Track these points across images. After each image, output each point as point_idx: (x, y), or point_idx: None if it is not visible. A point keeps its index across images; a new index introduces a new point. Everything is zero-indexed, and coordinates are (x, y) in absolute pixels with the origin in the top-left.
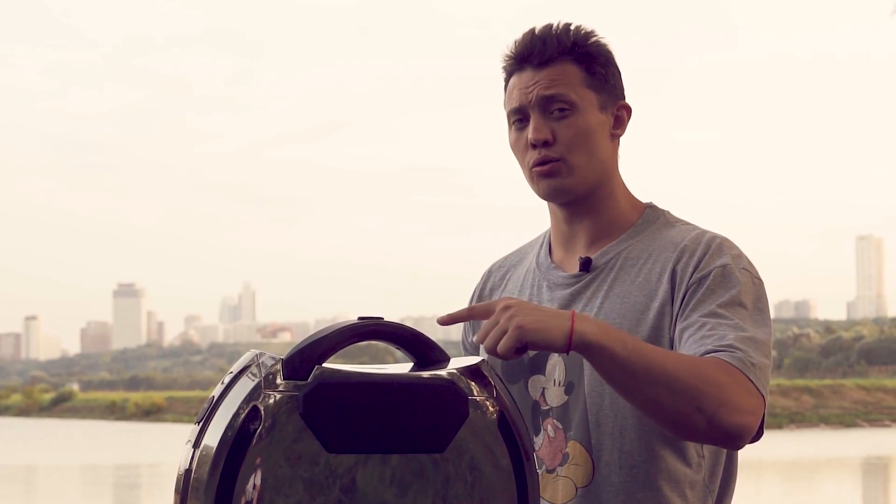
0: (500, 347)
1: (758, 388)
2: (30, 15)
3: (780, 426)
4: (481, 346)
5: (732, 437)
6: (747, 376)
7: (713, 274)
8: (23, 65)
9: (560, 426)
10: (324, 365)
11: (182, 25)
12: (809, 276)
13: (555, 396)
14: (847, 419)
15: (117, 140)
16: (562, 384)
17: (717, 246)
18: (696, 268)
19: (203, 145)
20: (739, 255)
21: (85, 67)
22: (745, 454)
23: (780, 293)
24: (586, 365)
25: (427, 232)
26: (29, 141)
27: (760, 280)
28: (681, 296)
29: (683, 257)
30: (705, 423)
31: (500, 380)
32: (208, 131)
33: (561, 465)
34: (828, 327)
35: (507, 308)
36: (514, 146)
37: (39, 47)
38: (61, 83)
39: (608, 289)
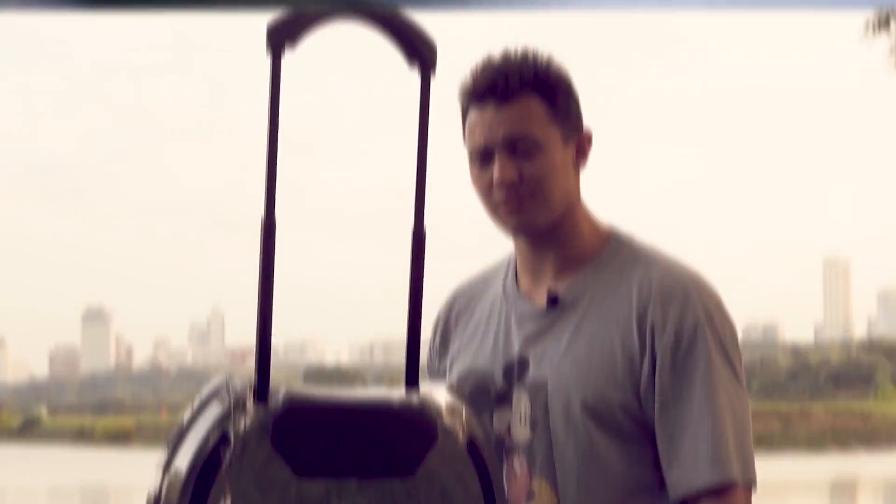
0: None
1: (752, 481)
2: None
3: None
4: (448, 371)
5: None
6: (747, 484)
7: (686, 338)
8: None
9: (527, 463)
10: (294, 390)
11: (151, 51)
12: (777, 299)
13: (521, 433)
14: (815, 443)
15: (86, 164)
16: (526, 421)
17: (685, 297)
18: (664, 326)
19: (172, 170)
20: (710, 308)
21: (55, 91)
22: None
23: (747, 316)
24: (551, 403)
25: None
26: None
27: (731, 326)
28: (649, 356)
29: (651, 306)
30: None
31: (470, 405)
32: (177, 156)
33: (526, 502)
34: (795, 350)
35: None
36: (477, 182)
37: (7, 71)
38: (31, 108)
39: (576, 327)
